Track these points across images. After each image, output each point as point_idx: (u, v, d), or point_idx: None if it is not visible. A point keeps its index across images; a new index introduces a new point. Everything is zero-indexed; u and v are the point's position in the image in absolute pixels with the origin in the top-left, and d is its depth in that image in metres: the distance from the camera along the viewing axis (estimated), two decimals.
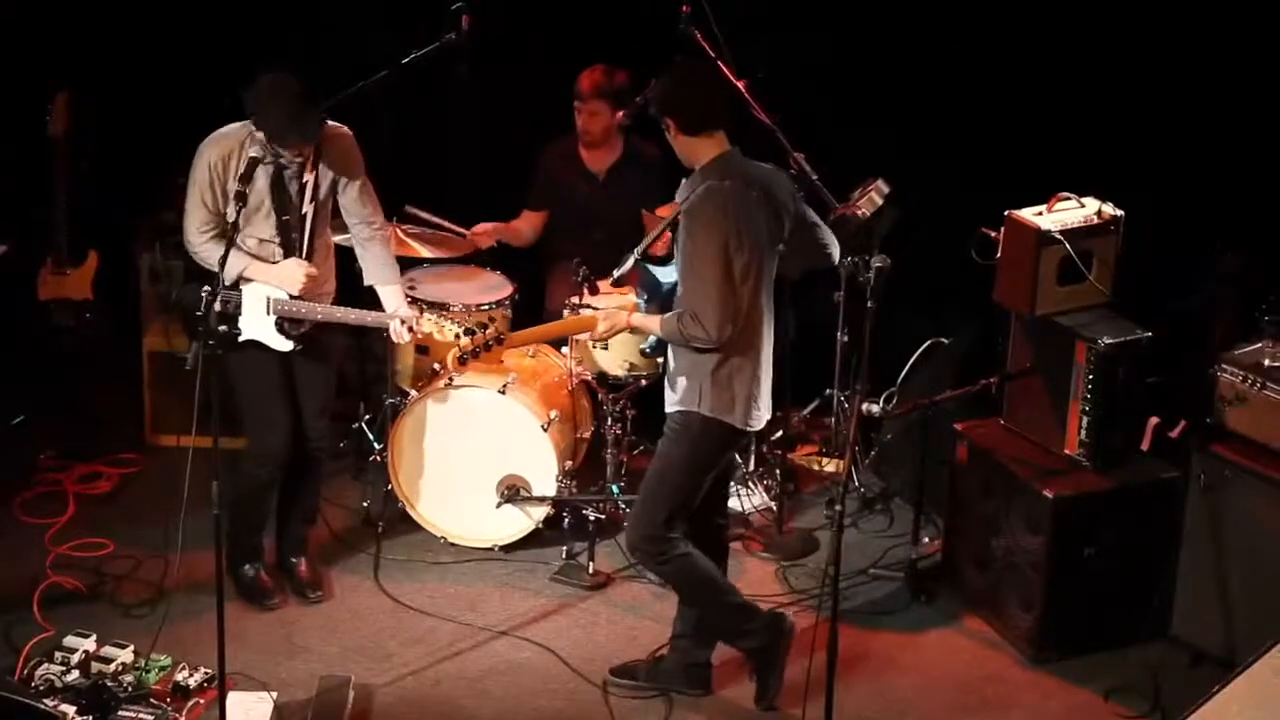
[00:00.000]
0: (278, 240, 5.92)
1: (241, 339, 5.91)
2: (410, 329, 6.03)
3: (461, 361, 5.71)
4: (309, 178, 5.90)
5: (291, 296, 5.91)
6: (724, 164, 5.38)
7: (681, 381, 5.46)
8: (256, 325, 5.94)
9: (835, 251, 5.68)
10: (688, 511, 5.55)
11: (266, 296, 5.93)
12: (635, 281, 5.76)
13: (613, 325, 5.62)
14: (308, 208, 5.94)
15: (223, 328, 5.66)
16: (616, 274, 5.67)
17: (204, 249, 5.85)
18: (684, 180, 5.47)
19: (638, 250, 5.57)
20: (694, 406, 5.43)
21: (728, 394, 5.41)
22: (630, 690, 5.77)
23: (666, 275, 5.61)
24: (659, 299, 5.60)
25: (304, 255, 5.95)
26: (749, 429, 5.53)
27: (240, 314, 5.90)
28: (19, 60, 7.28)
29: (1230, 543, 5.67)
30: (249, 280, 5.90)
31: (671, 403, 5.53)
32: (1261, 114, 6.69)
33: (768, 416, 5.59)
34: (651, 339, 5.67)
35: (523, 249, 7.32)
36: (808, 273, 5.87)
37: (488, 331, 5.69)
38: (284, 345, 5.97)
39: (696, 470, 5.49)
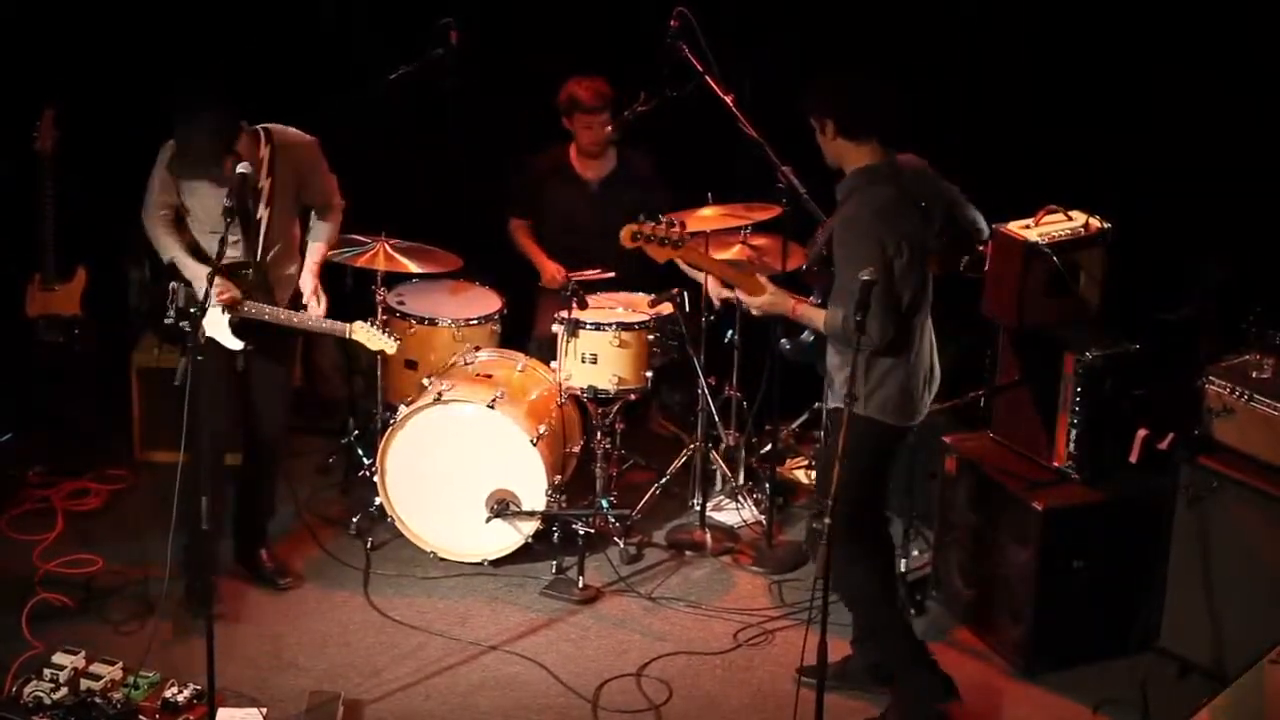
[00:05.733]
0: (237, 240, 5.97)
1: (205, 336, 5.81)
2: (318, 299, 6.12)
3: (633, 239, 5.47)
4: (265, 184, 5.96)
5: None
6: (873, 172, 5.35)
7: (839, 379, 5.43)
8: (214, 323, 5.94)
9: (984, 226, 5.66)
10: (867, 509, 5.50)
11: None
12: (815, 282, 5.55)
13: (775, 304, 5.46)
14: (263, 212, 6.00)
15: (184, 324, 5.72)
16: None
17: (153, 228, 6.02)
18: (837, 186, 5.43)
19: (811, 257, 5.53)
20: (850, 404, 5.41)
21: (881, 392, 5.40)
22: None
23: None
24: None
25: (259, 257, 6.01)
26: (906, 426, 5.50)
27: (205, 311, 5.88)
28: (6, 75, 7.28)
29: (1218, 554, 5.67)
30: (183, 267, 5.99)
31: (831, 401, 5.52)
32: (1248, 125, 6.71)
33: (925, 411, 5.56)
34: (809, 334, 5.54)
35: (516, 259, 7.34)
36: (974, 264, 5.77)
37: (672, 229, 5.45)
38: (234, 344, 5.98)
39: (855, 467, 5.32)
